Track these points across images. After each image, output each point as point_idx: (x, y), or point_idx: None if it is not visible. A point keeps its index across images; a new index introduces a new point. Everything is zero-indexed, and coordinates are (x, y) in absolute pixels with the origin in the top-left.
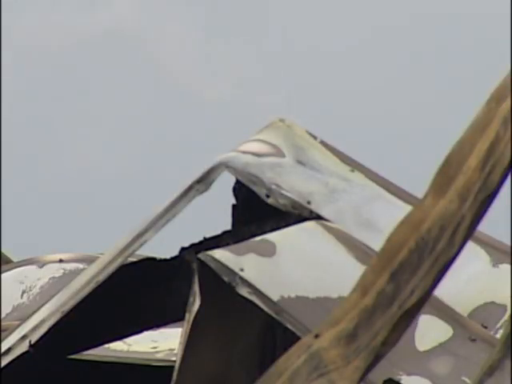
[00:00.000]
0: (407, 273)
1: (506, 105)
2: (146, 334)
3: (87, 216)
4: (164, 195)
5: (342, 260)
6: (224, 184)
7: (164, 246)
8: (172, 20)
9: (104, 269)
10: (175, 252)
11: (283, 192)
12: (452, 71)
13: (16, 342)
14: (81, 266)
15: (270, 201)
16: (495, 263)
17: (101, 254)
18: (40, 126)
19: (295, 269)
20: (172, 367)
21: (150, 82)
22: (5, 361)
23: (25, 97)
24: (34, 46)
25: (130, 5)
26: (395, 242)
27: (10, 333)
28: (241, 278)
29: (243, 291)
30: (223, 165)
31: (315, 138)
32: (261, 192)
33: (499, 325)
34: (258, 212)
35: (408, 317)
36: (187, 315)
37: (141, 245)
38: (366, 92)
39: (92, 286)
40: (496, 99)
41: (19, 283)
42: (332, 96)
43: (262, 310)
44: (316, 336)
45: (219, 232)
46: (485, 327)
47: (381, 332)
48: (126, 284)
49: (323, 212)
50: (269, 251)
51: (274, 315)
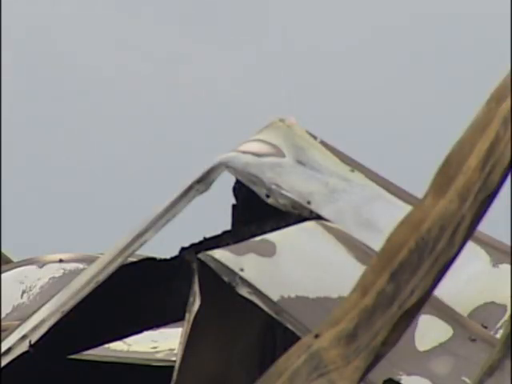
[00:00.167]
0: (407, 273)
1: (506, 105)
2: (146, 334)
3: (87, 216)
4: (164, 195)
5: (342, 260)
6: (224, 184)
7: (164, 246)
8: (172, 19)
9: (104, 269)
10: (175, 252)
11: (283, 192)
12: (452, 71)
13: (16, 342)
14: (81, 266)
15: (270, 201)
16: (495, 263)
17: (101, 254)
18: (40, 126)
19: (295, 269)
20: (172, 367)
21: (150, 82)
22: (5, 361)
23: (25, 97)
24: (34, 46)
25: None
26: (395, 242)
27: (10, 333)
28: (241, 278)
29: (243, 291)
30: (223, 165)
31: (315, 138)
32: (261, 192)
33: (499, 325)
34: (258, 212)
35: (408, 317)
36: (187, 315)
37: (141, 245)
38: (366, 92)
39: (92, 286)
40: (496, 99)
41: (19, 283)
42: (332, 96)
43: (262, 310)
44: (316, 336)
45: (219, 232)
46: (485, 327)
47: (381, 332)
48: (126, 284)
49: (323, 212)
50: (269, 251)
51: (274, 315)
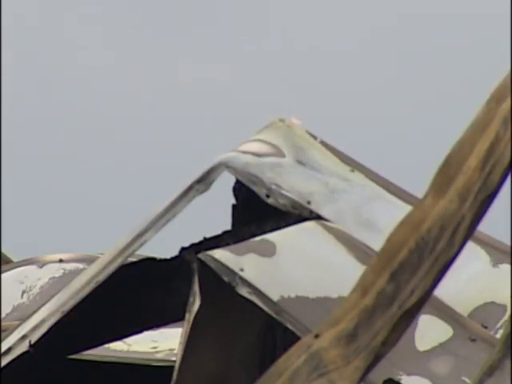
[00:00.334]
0: (407, 273)
1: (506, 105)
2: (146, 334)
3: (87, 216)
4: (164, 195)
5: (342, 260)
6: (224, 184)
7: (164, 246)
8: (172, 19)
9: (104, 269)
10: (175, 252)
11: (283, 192)
12: (452, 71)
13: (16, 342)
14: (81, 266)
15: (270, 201)
16: (495, 263)
17: (101, 254)
18: (40, 126)
19: (295, 269)
20: (172, 367)
21: (151, 82)
22: (5, 361)
23: (25, 97)
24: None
25: None
26: (395, 242)
27: (10, 333)
28: (241, 278)
29: (243, 291)
30: (223, 165)
31: (315, 138)
32: (261, 192)
33: (499, 325)
34: (258, 212)
35: (408, 317)
36: (187, 315)
37: (141, 245)
38: (366, 92)
39: (92, 286)
40: (496, 99)
41: (19, 283)
42: (332, 96)
43: (262, 310)
44: (316, 336)
45: (219, 232)
46: (485, 327)
47: (381, 332)
48: (126, 284)
49: (323, 212)
50: (269, 251)
51: (274, 315)
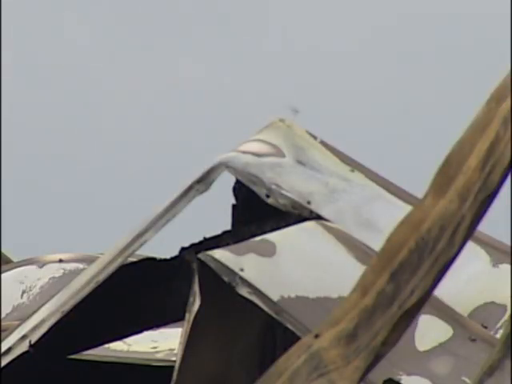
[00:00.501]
0: (407, 273)
1: (506, 105)
2: (146, 334)
3: (87, 216)
4: (164, 195)
5: (342, 260)
6: (224, 184)
7: (164, 246)
8: (172, 19)
9: (104, 269)
10: (175, 252)
11: (283, 192)
12: (452, 71)
13: (16, 342)
14: (81, 266)
15: (270, 201)
16: (495, 263)
17: (101, 254)
18: (40, 126)
19: (295, 269)
20: (172, 367)
21: (151, 82)
22: (5, 361)
23: (25, 97)
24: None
25: None
26: (395, 242)
27: (10, 333)
28: (241, 278)
29: (243, 291)
30: (223, 165)
31: (315, 138)
32: (261, 192)
33: (499, 325)
34: (258, 212)
35: (408, 317)
36: (187, 315)
37: (141, 245)
38: (366, 92)
39: (92, 286)
40: (496, 99)
41: (19, 283)
42: (332, 96)
43: (262, 310)
44: (316, 336)
45: (219, 232)
46: (485, 327)
47: (381, 332)
48: (126, 284)
49: (323, 212)
50: (269, 251)
51: (274, 315)
